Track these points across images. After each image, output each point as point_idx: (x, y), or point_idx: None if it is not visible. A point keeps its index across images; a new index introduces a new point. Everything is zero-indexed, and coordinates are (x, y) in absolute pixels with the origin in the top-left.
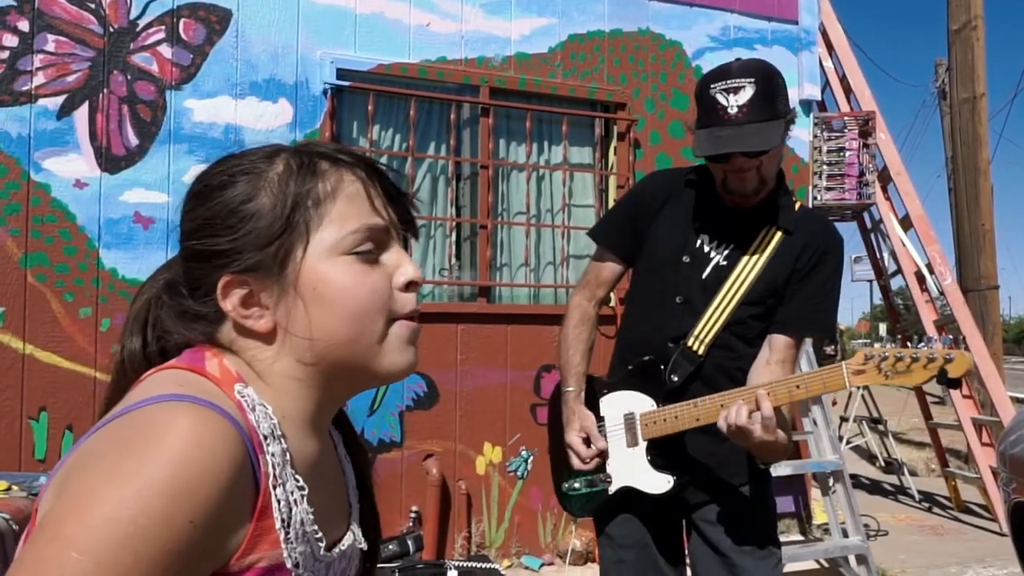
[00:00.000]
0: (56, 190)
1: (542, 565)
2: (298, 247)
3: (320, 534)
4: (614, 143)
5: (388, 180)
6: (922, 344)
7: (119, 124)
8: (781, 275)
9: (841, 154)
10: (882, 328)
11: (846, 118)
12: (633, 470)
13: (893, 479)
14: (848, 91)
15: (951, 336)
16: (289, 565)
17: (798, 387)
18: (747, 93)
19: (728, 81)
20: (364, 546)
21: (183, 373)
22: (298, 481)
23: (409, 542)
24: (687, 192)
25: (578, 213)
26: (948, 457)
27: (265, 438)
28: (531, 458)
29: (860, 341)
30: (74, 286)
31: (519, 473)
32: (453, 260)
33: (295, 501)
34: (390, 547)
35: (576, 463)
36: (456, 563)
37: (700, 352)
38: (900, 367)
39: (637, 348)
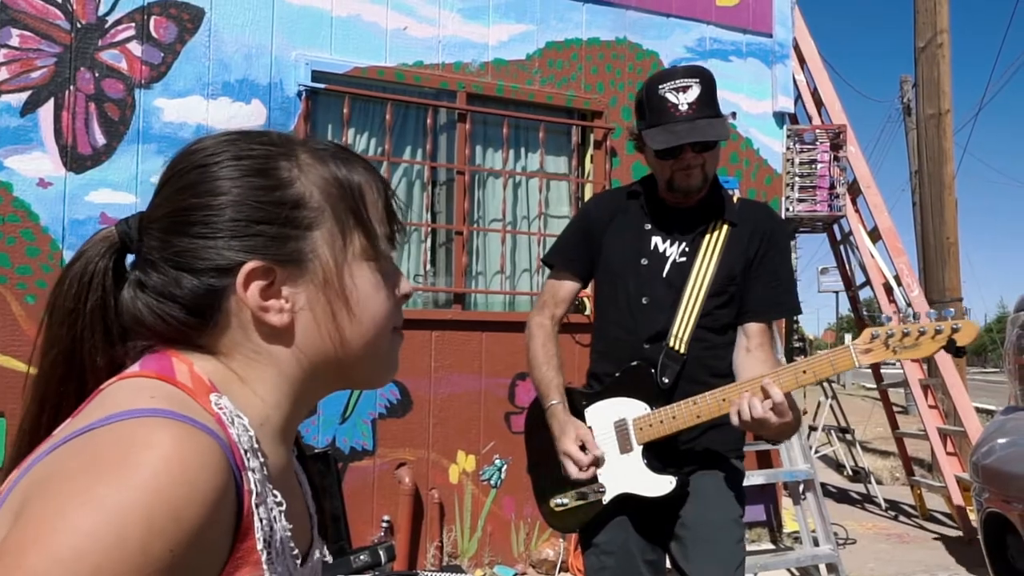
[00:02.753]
0: (19, 189)
1: (515, 575)
2: (338, 245)
3: (296, 550)
4: (591, 151)
5: (390, 191)
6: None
7: (86, 122)
8: (738, 264)
9: (813, 166)
10: (847, 339)
11: (818, 131)
12: (629, 476)
13: (860, 487)
14: (819, 104)
15: (952, 309)
16: None
17: (804, 372)
18: (695, 92)
19: (676, 81)
20: (329, 559)
21: (152, 383)
22: (276, 496)
23: (381, 552)
24: (632, 203)
25: (554, 220)
26: (913, 466)
27: (245, 452)
28: (505, 467)
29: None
30: (36, 288)
31: (492, 482)
32: (428, 266)
33: (275, 518)
34: (361, 557)
35: (573, 472)
36: (428, 573)
37: (682, 351)
38: (908, 342)
39: (613, 355)
